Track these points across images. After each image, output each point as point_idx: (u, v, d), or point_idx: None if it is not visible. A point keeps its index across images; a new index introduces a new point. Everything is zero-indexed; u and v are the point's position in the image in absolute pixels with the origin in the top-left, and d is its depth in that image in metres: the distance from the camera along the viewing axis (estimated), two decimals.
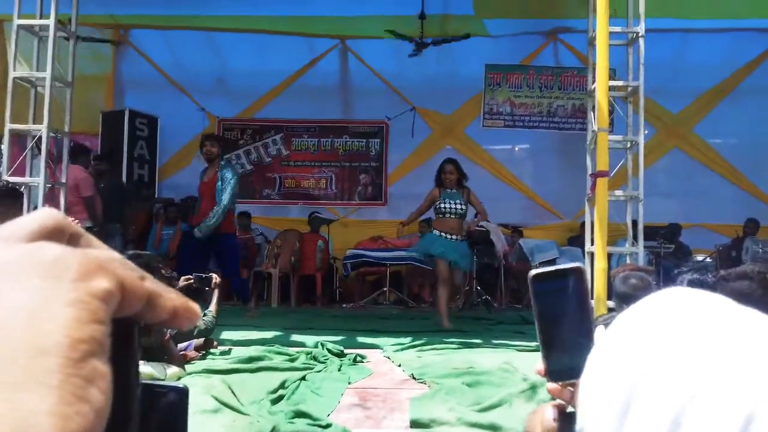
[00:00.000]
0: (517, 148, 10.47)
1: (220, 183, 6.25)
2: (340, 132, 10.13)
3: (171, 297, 0.38)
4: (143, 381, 0.35)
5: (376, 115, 9.92)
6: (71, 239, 0.36)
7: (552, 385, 0.63)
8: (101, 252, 0.35)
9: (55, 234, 0.35)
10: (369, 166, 10.13)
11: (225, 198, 6.15)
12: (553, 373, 0.64)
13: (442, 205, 6.26)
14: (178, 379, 3.64)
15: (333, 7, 8.78)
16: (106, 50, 9.83)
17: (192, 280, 4.82)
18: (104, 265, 0.33)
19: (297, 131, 10.12)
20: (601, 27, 5.09)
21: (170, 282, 4.34)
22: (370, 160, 10.12)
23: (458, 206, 6.23)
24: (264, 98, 10.02)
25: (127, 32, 9.98)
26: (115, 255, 0.36)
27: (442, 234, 6.24)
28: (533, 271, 0.67)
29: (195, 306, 0.40)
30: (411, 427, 3.19)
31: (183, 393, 0.42)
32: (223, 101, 10.08)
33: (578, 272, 0.67)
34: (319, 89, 10.06)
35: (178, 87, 9.86)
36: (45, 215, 0.35)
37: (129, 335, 0.35)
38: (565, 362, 0.64)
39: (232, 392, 3.30)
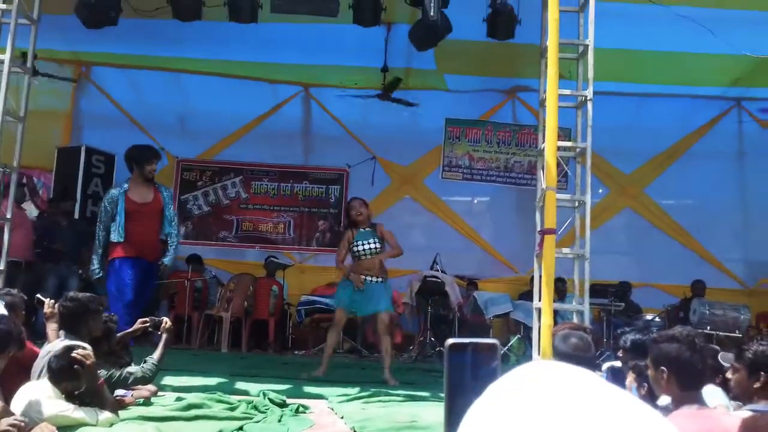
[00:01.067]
0: (475, 201, 10.63)
1: (168, 210, 6.02)
2: (300, 177, 10.15)
3: None
4: None
5: (337, 162, 10.00)
6: None
7: None
8: None
9: None
10: (328, 212, 10.14)
11: (176, 228, 6.00)
12: None
13: (356, 249, 6.04)
14: (111, 425, 3.54)
15: (298, 55, 8.91)
16: (66, 86, 9.77)
17: (148, 323, 4.73)
18: None
19: (257, 175, 10.11)
20: (551, 89, 5.26)
21: (108, 324, 4.25)
22: (330, 207, 10.14)
23: (372, 245, 6.02)
24: (225, 140, 10.02)
25: (89, 69, 9.94)
26: None
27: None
28: (450, 341, 0.69)
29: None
30: None
31: None
32: (183, 142, 10.05)
33: (494, 348, 0.68)
34: (281, 134, 10.12)
35: (138, 125, 9.81)
36: None
37: None
38: None
39: None
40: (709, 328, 7.28)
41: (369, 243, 6.03)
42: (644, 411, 0.53)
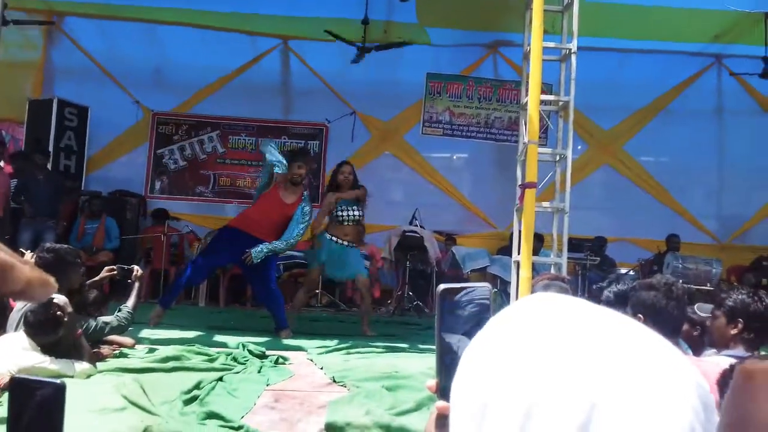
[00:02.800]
0: (455, 157, 10.60)
1: (300, 214, 5.88)
2: (278, 132, 10.02)
3: (24, 269, 0.36)
4: (17, 376, 0.34)
5: (316, 117, 9.87)
6: None
7: (441, 403, 0.62)
8: None
9: None
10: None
11: (299, 232, 5.89)
12: (444, 389, 0.63)
13: (339, 213, 6.04)
14: (88, 377, 3.52)
15: (276, 6, 8.70)
16: (37, 37, 9.46)
17: (115, 271, 4.68)
18: None
19: (234, 129, 9.96)
20: (535, 42, 5.21)
21: (83, 279, 4.20)
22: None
23: (355, 212, 6.07)
24: (201, 93, 9.82)
25: (61, 19, 9.61)
26: None
27: (334, 238, 6.03)
28: (442, 286, 0.67)
29: (51, 279, 0.38)
30: (326, 430, 3.16)
31: (59, 389, 0.39)
32: (159, 95, 9.83)
33: (485, 296, 0.67)
34: (260, 88, 9.94)
35: (112, 78, 9.57)
36: None
37: None
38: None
39: (144, 391, 3.21)
40: (681, 281, 7.40)
41: (352, 210, 6.06)
42: (645, 331, 0.54)
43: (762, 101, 9.86)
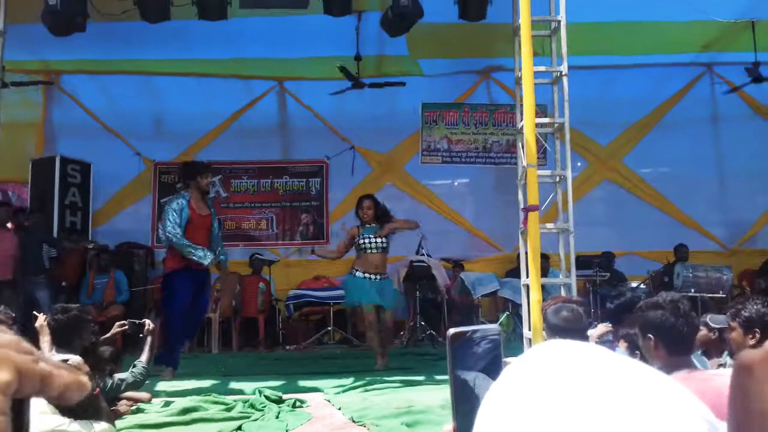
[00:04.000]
0: (456, 183, 10.66)
1: (215, 224, 6.06)
2: (279, 172, 10.11)
3: (62, 375, 0.40)
4: None
5: (316, 154, 9.97)
6: None
7: None
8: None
9: None
10: (310, 205, 10.11)
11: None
12: None
13: (362, 241, 6.09)
14: None
15: (269, 50, 8.84)
16: (36, 97, 9.61)
17: (126, 326, 4.69)
18: (4, 356, 0.35)
19: (236, 173, 10.05)
20: (526, 67, 5.27)
21: (96, 336, 4.22)
22: (311, 200, 10.11)
23: (379, 240, 6.11)
24: (201, 141, 9.93)
25: (59, 77, 9.79)
26: (12, 338, 0.38)
27: (366, 275, 6.08)
28: (451, 330, 0.69)
29: (86, 380, 0.42)
30: None
31: None
32: (159, 145, 9.95)
33: (495, 334, 0.69)
34: (258, 130, 10.06)
35: (112, 132, 9.70)
36: None
37: (20, 411, 0.37)
38: (474, 423, 0.65)
39: None
40: (693, 290, 7.39)
41: (376, 238, 6.11)
42: (662, 380, 0.55)
43: (755, 106, 9.93)
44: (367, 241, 6.09)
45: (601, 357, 0.58)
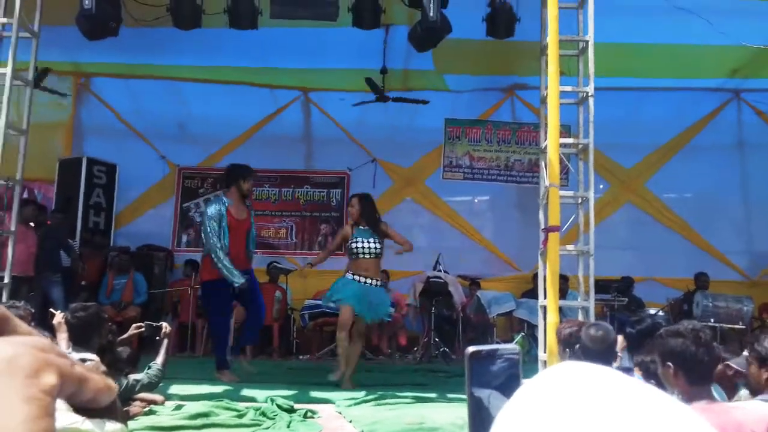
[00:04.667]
0: (476, 200, 10.63)
1: (253, 230, 6.12)
2: (301, 182, 10.16)
3: (95, 379, 0.44)
4: None
5: (338, 165, 10.01)
6: (1, 326, 0.40)
7: None
8: (39, 342, 0.40)
9: None
10: (330, 216, 10.14)
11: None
12: None
13: (354, 245, 5.71)
14: None
15: (296, 60, 8.92)
16: (66, 98, 9.78)
17: (143, 328, 4.72)
18: (48, 360, 0.38)
19: (258, 180, 10.03)
20: (552, 86, 5.26)
21: (113, 336, 4.26)
22: (331, 210, 10.14)
23: (372, 244, 5.70)
24: (226, 147, 10.02)
25: (89, 80, 9.96)
26: (47, 342, 0.41)
27: (356, 277, 5.71)
28: (470, 348, 0.69)
29: (114, 386, 0.46)
30: None
31: None
32: (184, 150, 10.07)
33: (514, 354, 0.69)
34: (282, 139, 10.13)
35: (139, 135, 9.84)
36: None
37: None
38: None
39: None
40: (712, 320, 7.29)
41: (368, 242, 5.72)
42: (679, 408, 0.55)
43: None
44: (359, 244, 5.70)
45: (619, 382, 0.57)
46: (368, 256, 5.74)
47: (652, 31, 7.64)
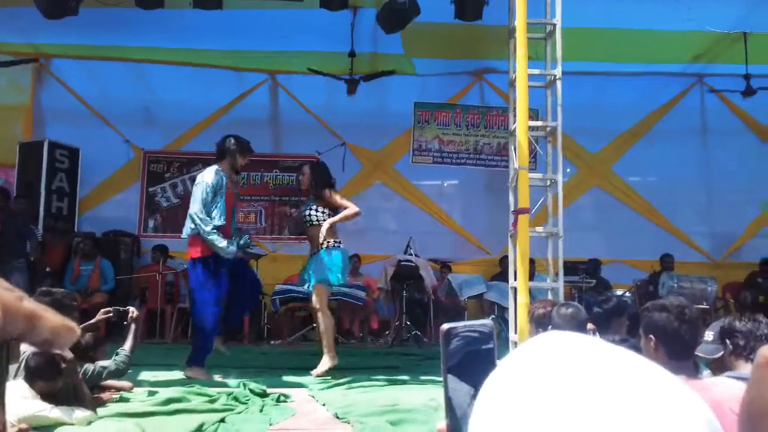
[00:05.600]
0: (446, 184, 10.66)
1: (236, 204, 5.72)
2: (270, 166, 10.06)
3: (50, 317, 0.36)
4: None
5: (307, 149, 9.92)
6: None
7: None
8: None
9: None
10: (299, 200, 10.05)
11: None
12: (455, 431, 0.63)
13: (301, 215, 5.70)
14: (89, 423, 3.48)
15: (263, 42, 8.80)
16: (25, 80, 9.50)
17: (111, 313, 4.63)
18: None
19: None
20: (521, 70, 5.28)
21: (88, 327, 4.18)
22: (300, 195, 10.05)
23: (311, 212, 5.59)
24: (192, 131, 9.86)
25: (49, 61, 9.68)
26: None
27: (310, 252, 5.62)
28: (445, 326, 0.68)
29: (74, 325, 0.38)
30: None
31: None
32: (149, 133, 9.88)
33: (489, 329, 0.67)
34: (249, 123, 9.95)
35: (102, 118, 9.61)
36: None
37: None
38: (470, 411, 0.63)
39: None
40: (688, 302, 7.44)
41: (309, 209, 5.63)
42: (661, 374, 0.54)
43: (745, 118, 10.01)
44: (303, 213, 5.68)
45: (602, 349, 0.56)
46: (308, 225, 5.61)
47: (618, 16, 7.71)
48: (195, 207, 5.22)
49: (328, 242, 5.50)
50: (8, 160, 9.04)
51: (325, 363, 5.34)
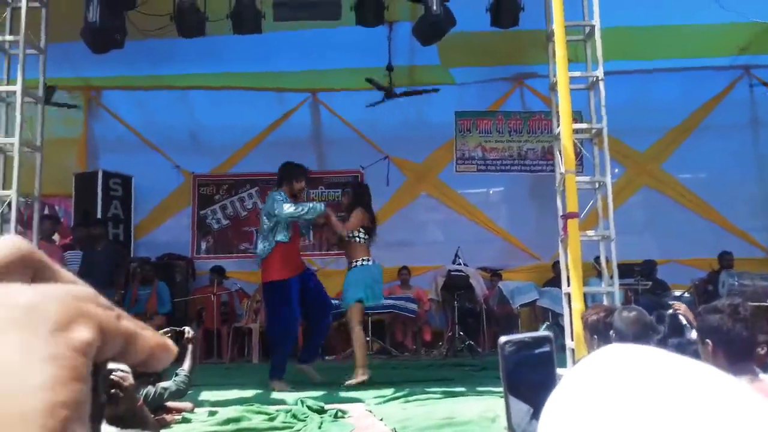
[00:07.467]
0: (491, 191, 10.60)
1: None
2: (315, 183, 10.16)
3: (148, 336, 0.35)
4: None
5: (350, 165, 10.01)
6: (38, 272, 0.32)
7: None
8: (76, 290, 0.31)
9: (20, 267, 0.31)
10: (346, 216, 10.12)
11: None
12: None
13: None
14: None
15: (302, 62, 8.94)
16: (77, 114, 9.87)
17: (168, 334, 4.71)
18: (83, 310, 0.30)
19: (272, 184, 10.09)
20: (561, 73, 5.23)
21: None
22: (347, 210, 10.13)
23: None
24: (238, 153, 10.07)
25: (99, 93, 10.04)
26: (89, 291, 0.32)
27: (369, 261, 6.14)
28: (503, 338, 0.68)
29: (171, 344, 0.38)
30: None
31: None
32: (197, 158, 10.11)
33: (547, 341, 0.68)
34: (292, 142, 10.13)
35: (151, 145, 9.90)
36: (8, 246, 0.31)
37: (97, 378, 0.30)
38: (530, 429, 0.64)
39: None
40: (741, 299, 7.21)
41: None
42: (730, 383, 0.53)
43: None
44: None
45: (669, 362, 0.56)
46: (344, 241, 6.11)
47: (657, 12, 7.58)
48: (282, 209, 5.62)
49: (356, 262, 5.97)
50: (65, 190, 9.37)
51: (357, 376, 5.66)
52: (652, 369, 0.55)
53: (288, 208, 5.65)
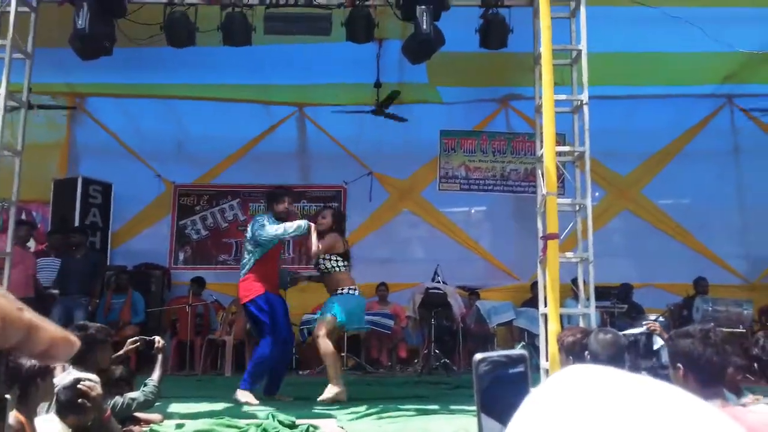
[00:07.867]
0: (473, 211, 10.64)
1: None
2: (297, 197, 10.10)
3: (50, 329, 0.35)
4: None
5: (334, 180, 10.01)
6: None
7: None
8: None
9: None
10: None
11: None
12: None
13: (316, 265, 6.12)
14: None
15: (290, 76, 8.94)
16: (60, 118, 9.79)
17: (138, 343, 4.64)
18: None
19: (254, 196, 10.10)
20: (547, 96, 5.29)
21: (117, 359, 4.21)
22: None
23: (326, 262, 5.94)
24: (222, 164, 10.03)
25: (83, 100, 9.97)
26: None
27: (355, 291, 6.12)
28: (478, 355, 0.67)
29: (74, 338, 0.38)
30: None
31: None
32: (180, 168, 10.06)
33: (522, 360, 0.67)
34: (277, 155, 10.13)
35: (134, 154, 9.83)
36: None
37: None
38: None
39: None
40: (712, 325, 7.26)
41: (325, 259, 5.98)
42: (699, 405, 0.53)
43: None
44: (321, 263, 6.00)
45: (635, 382, 0.55)
46: (326, 274, 6.06)
47: (643, 40, 7.68)
48: (265, 230, 5.68)
49: (342, 290, 5.89)
50: (43, 196, 9.26)
51: (330, 390, 5.62)
52: (615, 390, 0.54)
53: (270, 230, 5.72)
